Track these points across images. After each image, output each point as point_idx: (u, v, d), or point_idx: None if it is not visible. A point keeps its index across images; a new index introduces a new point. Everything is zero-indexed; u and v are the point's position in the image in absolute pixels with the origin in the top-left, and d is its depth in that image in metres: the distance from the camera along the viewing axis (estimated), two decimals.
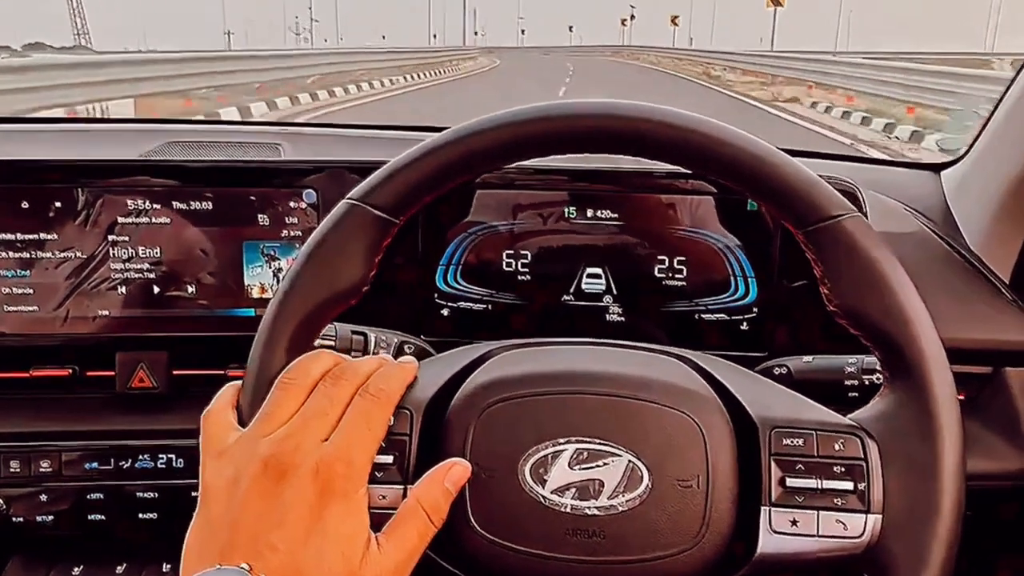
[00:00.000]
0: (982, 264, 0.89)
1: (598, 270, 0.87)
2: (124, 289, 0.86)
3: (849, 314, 0.52)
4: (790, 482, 0.51)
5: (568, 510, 0.50)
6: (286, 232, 0.86)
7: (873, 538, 0.49)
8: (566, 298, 0.88)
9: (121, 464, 0.87)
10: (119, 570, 0.92)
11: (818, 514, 0.50)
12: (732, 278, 0.86)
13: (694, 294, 0.87)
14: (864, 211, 0.87)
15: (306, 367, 0.51)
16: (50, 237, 0.85)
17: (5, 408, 0.88)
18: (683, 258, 0.86)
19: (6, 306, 0.85)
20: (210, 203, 0.85)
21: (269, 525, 0.46)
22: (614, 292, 0.88)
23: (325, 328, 0.59)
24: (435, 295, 0.88)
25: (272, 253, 0.86)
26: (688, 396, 0.53)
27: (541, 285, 0.88)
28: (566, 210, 0.87)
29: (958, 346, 0.82)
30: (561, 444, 0.51)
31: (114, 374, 0.87)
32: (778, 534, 0.50)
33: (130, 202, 0.85)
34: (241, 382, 0.53)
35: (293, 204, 0.85)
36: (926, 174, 1.07)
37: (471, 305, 0.88)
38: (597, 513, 0.50)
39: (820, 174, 0.54)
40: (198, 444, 0.90)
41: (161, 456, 0.87)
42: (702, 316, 0.87)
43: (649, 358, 0.58)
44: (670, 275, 0.87)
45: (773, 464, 0.51)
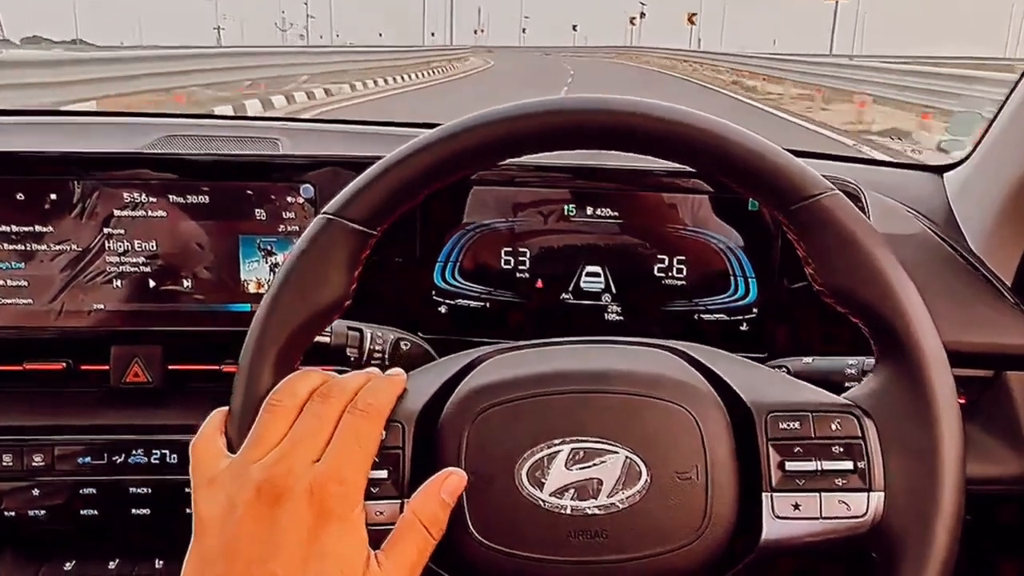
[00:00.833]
0: (984, 267, 0.88)
1: (597, 268, 0.87)
2: (119, 283, 0.85)
3: (835, 292, 0.52)
4: (789, 466, 0.50)
5: (568, 511, 0.49)
6: (283, 227, 0.85)
7: (877, 516, 0.49)
8: (565, 296, 0.87)
9: (114, 459, 0.87)
10: (111, 566, 0.91)
11: (820, 496, 0.50)
12: (732, 278, 0.86)
13: (694, 294, 0.86)
14: (866, 212, 0.86)
15: (293, 387, 0.50)
16: (45, 230, 0.84)
17: None
18: (683, 257, 0.86)
19: (0, 298, 0.84)
20: (207, 197, 0.84)
21: (266, 552, 0.45)
22: (613, 291, 0.87)
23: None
24: (433, 292, 0.87)
25: (269, 248, 0.85)
26: (680, 387, 0.53)
27: (539, 283, 0.87)
28: (565, 208, 0.86)
29: (959, 349, 0.81)
30: (556, 445, 0.50)
31: (109, 368, 0.87)
32: (781, 519, 0.49)
33: (126, 195, 0.84)
34: (228, 408, 0.52)
35: (290, 199, 0.85)
36: (929, 176, 1.06)
37: (469, 303, 0.87)
38: (598, 512, 0.49)
39: (822, 174, 0.54)
40: (192, 440, 0.90)
41: (155, 451, 0.87)
42: (702, 316, 0.86)
43: (639, 352, 0.57)
44: (670, 274, 0.86)
45: (771, 449, 0.50)
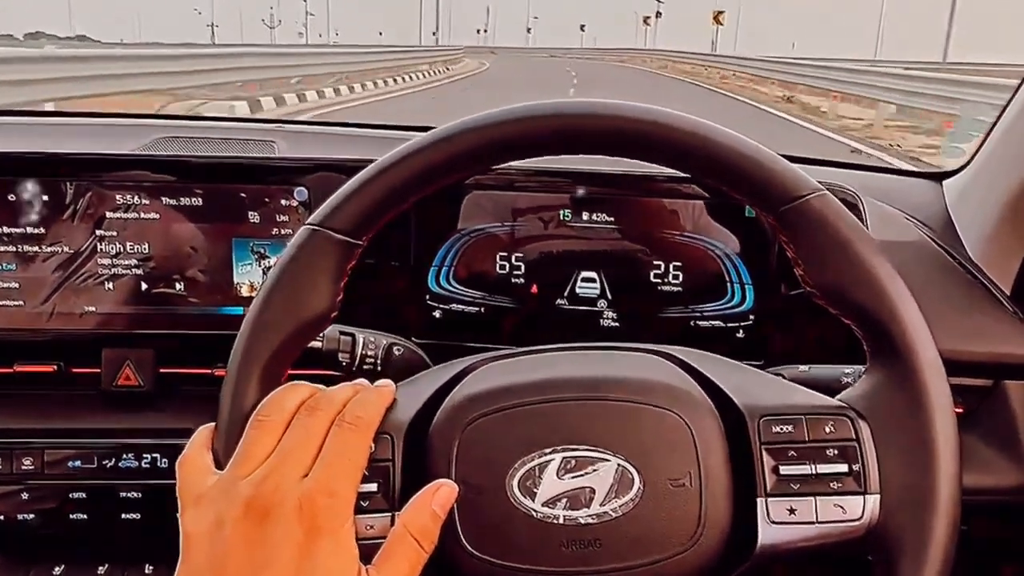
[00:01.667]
0: (983, 275, 0.88)
1: (593, 274, 0.86)
2: (111, 285, 0.85)
3: (825, 292, 0.51)
4: (784, 470, 0.50)
5: (561, 521, 0.49)
6: (277, 230, 0.84)
7: (873, 519, 0.49)
8: (560, 302, 0.87)
9: (105, 463, 0.86)
10: (100, 571, 0.90)
11: (815, 500, 0.49)
12: (729, 284, 0.85)
13: (690, 300, 0.86)
14: (864, 219, 0.86)
15: (279, 401, 0.49)
16: (37, 231, 0.83)
17: None
18: (679, 263, 0.85)
19: None
20: (200, 199, 0.84)
21: (256, 569, 0.44)
22: (609, 297, 0.86)
23: None
24: (427, 296, 0.87)
25: (262, 251, 0.85)
26: (671, 392, 0.52)
27: (535, 289, 0.87)
28: (561, 213, 0.85)
29: (957, 358, 0.81)
30: (548, 454, 0.50)
31: (100, 371, 0.86)
32: (777, 524, 0.49)
33: (119, 197, 0.83)
34: (215, 424, 0.51)
35: (284, 202, 0.84)
36: (928, 183, 1.06)
37: (463, 308, 0.87)
38: (591, 521, 0.49)
39: (819, 181, 0.53)
40: (184, 444, 0.89)
41: (145, 455, 0.86)
42: (698, 323, 0.86)
43: (630, 358, 0.57)
44: (666, 280, 0.85)
45: (764, 453, 0.50)
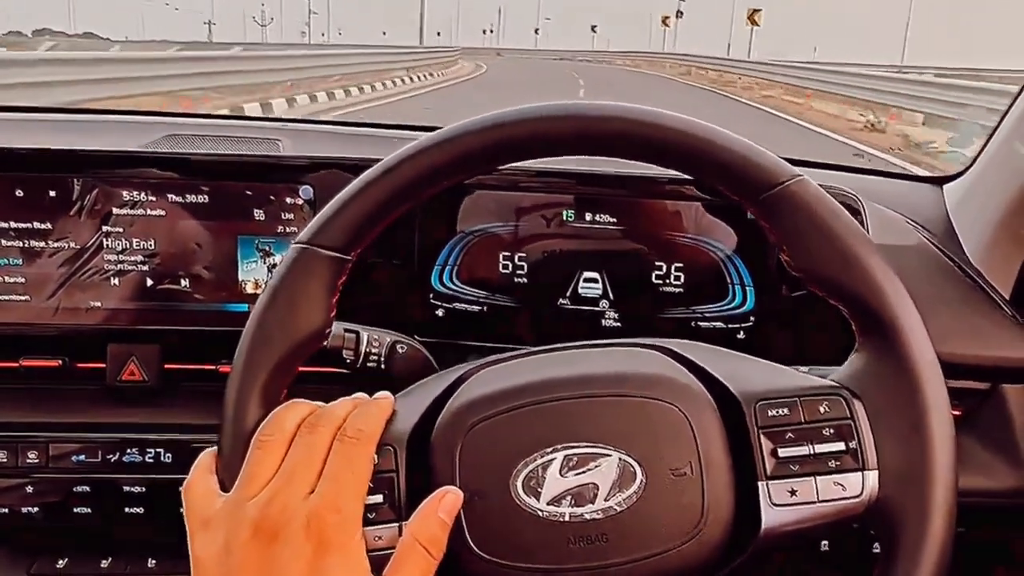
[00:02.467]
0: (982, 279, 0.88)
1: (595, 274, 0.87)
2: (117, 281, 0.85)
3: (811, 276, 0.52)
4: (782, 452, 0.50)
5: (567, 519, 0.49)
6: (282, 228, 0.85)
7: (873, 494, 0.49)
8: (562, 302, 0.87)
9: (109, 457, 0.87)
10: (104, 564, 0.91)
11: (815, 480, 0.50)
12: (730, 286, 0.86)
13: (691, 301, 0.86)
14: (864, 222, 0.86)
15: (280, 421, 0.50)
16: (44, 227, 0.84)
17: None
18: (681, 264, 0.86)
19: None
20: (206, 196, 0.84)
21: None
22: (611, 297, 0.87)
23: None
24: (430, 295, 0.87)
25: (267, 248, 0.85)
26: (667, 384, 0.53)
27: (537, 288, 0.87)
28: (564, 213, 0.86)
29: (956, 361, 0.81)
30: (549, 453, 0.50)
31: (105, 366, 0.87)
32: (779, 507, 0.49)
33: (126, 193, 0.84)
34: (217, 447, 0.52)
35: (290, 200, 0.85)
36: (928, 187, 1.06)
37: (466, 307, 0.87)
38: (597, 517, 0.49)
39: (820, 184, 0.54)
40: (187, 440, 0.90)
41: (149, 450, 0.87)
42: (699, 323, 0.86)
43: (623, 353, 0.58)
44: (667, 281, 0.86)
45: (762, 437, 0.51)
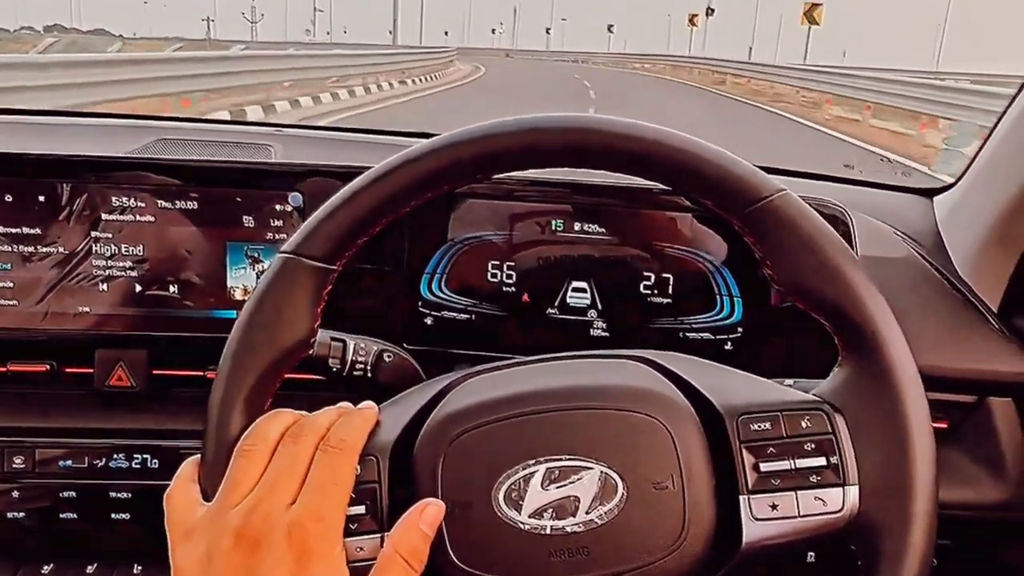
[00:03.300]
0: (971, 292, 0.89)
1: (584, 284, 0.87)
2: (106, 286, 0.85)
3: (793, 290, 0.53)
4: (764, 467, 0.50)
5: (548, 532, 0.49)
6: (271, 234, 0.85)
7: (853, 509, 0.50)
8: (551, 311, 0.87)
9: (96, 463, 0.87)
10: (90, 570, 0.91)
11: (796, 494, 0.50)
12: (718, 297, 0.86)
13: (679, 311, 0.86)
14: (852, 234, 0.86)
15: (264, 430, 0.50)
16: (33, 231, 0.84)
17: None
18: (669, 275, 0.86)
19: None
20: (196, 203, 0.84)
21: None
22: (599, 307, 0.87)
23: None
24: (419, 303, 0.87)
25: (256, 255, 0.85)
26: (649, 396, 0.53)
27: (526, 297, 0.87)
28: (553, 223, 0.86)
29: (942, 374, 0.81)
30: (531, 466, 0.50)
31: (92, 371, 0.87)
32: (760, 521, 0.50)
33: (115, 199, 0.84)
34: (200, 456, 0.52)
35: (279, 206, 0.85)
36: (918, 199, 1.07)
37: (454, 315, 0.87)
38: (578, 530, 0.49)
39: (808, 195, 0.54)
40: (174, 446, 0.89)
41: (136, 456, 0.87)
42: (686, 334, 0.86)
43: (606, 365, 0.58)
44: (655, 291, 0.86)
45: (744, 451, 0.51)
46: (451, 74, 23.76)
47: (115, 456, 0.87)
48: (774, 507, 0.50)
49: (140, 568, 0.91)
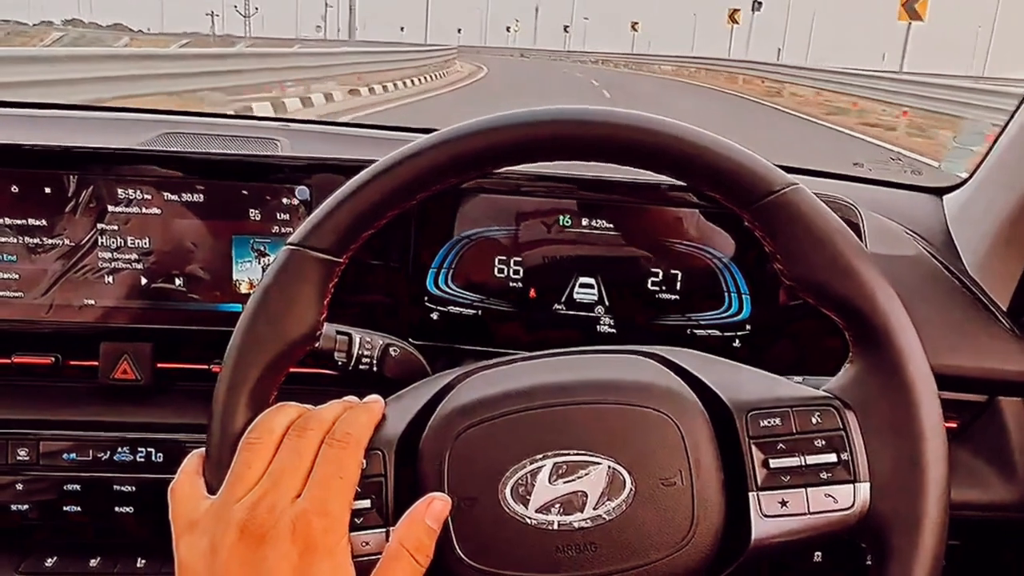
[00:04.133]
0: (980, 290, 0.88)
1: (591, 280, 0.86)
2: (111, 279, 0.85)
3: (804, 285, 0.52)
4: (773, 463, 0.50)
5: (555, 527, 0.49)
6: (277, 228, 0.85)
7: (864, 507, 0.49)
8: (557, 307, 0.87)
9: (100, 456, 0.86)
10: (93, 563, 0.91)
11: (806, 491, 0.49)
12: (726, 294, 0.85)
13: (687, 308, 0.86)
14: (862, 232, 0.86)
15: (269, 423, 0.50)
16: (39, 223, 0.84)
17: None
18: (677, 271, 0.85)
19: None
20: (202, 195, 0.84)
21: None
22: (606, 303, 0.86)
23: None
24: (425, 298, 0.87)
25: (262, 249, 0.85)
26: (658, 392, 0.52)
27: (533, 293, 0.87)
28: (561, 218, 0.86)
29: (952, 373, 0.81)
30: (538, 461, 0.50)
31: (97, 364, 0.86)
32: (769, 518, 0.49)
33: (121, 191, 0.84)
34: (204, 449, 0.52)
35: (286, 200, 0.84)
36: (928, 197, 1.06)
37: (461, 310, 0.87)
38: (585, 525, 0.49)
39: (819, 192, 0.54)
40: (179, 440, 0.89)
41: (140, 449, 0.86)
42: (694, 331, 0.86)
43: (615, 360, 0.57)
44: (663, 288, 0.86)
45: (754, 447, 0.50)
46: (447, 76, 20.56)
47: (119, 449, 0.86)
48: (784, 504, 0.49)
49: (144, 561, 0.91)
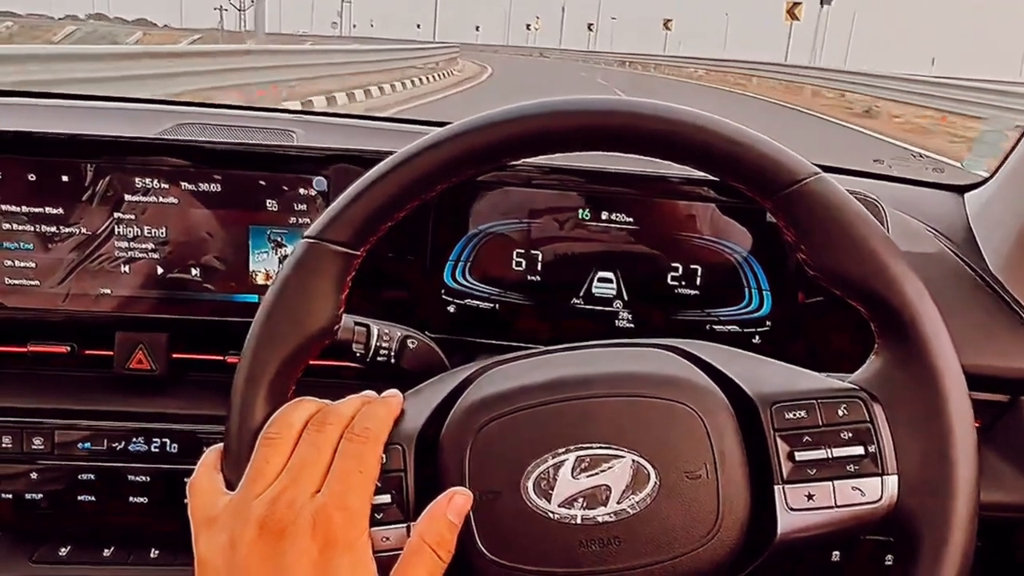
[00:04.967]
0: (1003, 289, 0.87)
1: (609, 274, 0.86)
2: (127, 268, 0.85)
3: (829, 276, 0.51)
4: (799, 456, 0.49)
5: (579, 521, 0.48)
6: (294, 219, 0.84)
7: (892, 500, 0.48)
8: (575, 301, 0.86)
9: (114, 446, 0.86)
10: (106, 553, 0.91)
11: (833, 484, 0.49)
12: (747, 290, 0.84)
13: (706, 304, 0.85)
14: (886, 227, 0.85)
15: (287, 418, 0.49)
16: (56, 212, 0.83)
17: (0, 383, 0.87)
18: (697, 266, 0.85)
19: (8, 279, 0.84)
20: (219, 186, 0.84)
21: None
22: (625, 298, 0.86)
23: None
24: (442, 291, 0.87)
25: (279, 239, 0.85)
26: (681, 385, 0.52)
27: (550, 287, 0.86)
28: (580, 212, 0.85)
29: (975, 372, 0.79)
30: (561, 454, 0.49)
31: (112, 354, 0.86)
32: (796, 511, 0.49)
33: (138, 181, 0.83)
34: (222, 445, 0.51)
35: (303, 191, 0.84)
36: (950, 195, 1.05)
37: (478, 303, 0.86)
38: (609, 520, 0.48)
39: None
40: (193, 430, 0.89)
41: (155, 440, 0.86)
42: (714, 327, 0.85)
43: (637, 353, 0.57)
44: (682, 283, 0.85)
45: (779, 440, 0.50)
46: (440, 81, 16.91)
47: (134, 439, 0.86)
48: (810, 497, 0.49)
49: (157, 552, 0.91)
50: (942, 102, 13.10)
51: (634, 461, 0.49)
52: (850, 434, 0.49)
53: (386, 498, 0.49)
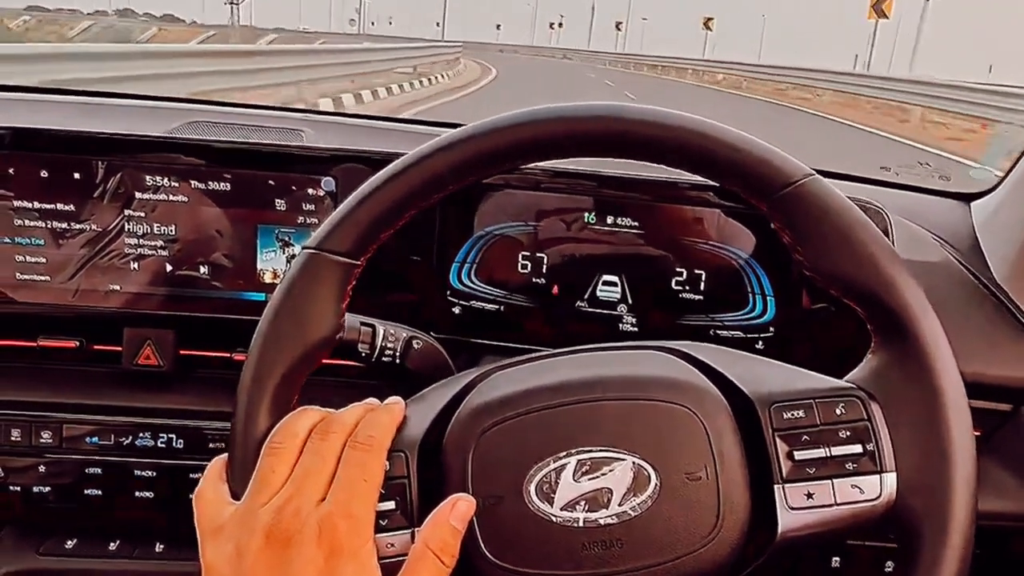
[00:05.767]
0: (1007, 298, 0.87)
1: (614, 278, 0.86)
2: (136, 265, 0.86)
3: (825, 276, 0.52)
4: (798, 455, 0.50)
5: (581, 524, 0.49)
6: (302, 218, 0.85)
7: (891, 497, 0.49)
8: (580, 304, 0.87)
9: (121, 440, 0.87)
10: (112, 546, 0.92)
11: (832, 482, 0.49)
12: (750, 295, 0.85)
13: (710, 308, 0.85)
14: (890, 235, 0.85)
15: (291, 428, 0.50)
16: (67, 208, 0.84)
17: (10, 376, 0.88)
18: (701, 271, 0.85)
19: (19, 274, 0.84)
20: (228, 184, 0.84)
21: None
22: (629, 301, 0.86)
23: None
24: (448, 292, 0.87)
25: (287, 239, 0.85)
26: (681, 386, 0.52)
27: (555, 290, 0.87)
28: (585, 216, 0.85)
29: (978, 380, 0.80)
30: (562, 458, 0.50)
31: (121, 349, 0.87)
32: (796, 510, 0.49)
33: (148, 178, 0.84)
34: (227, 455, 0.52)
35: (311, 191, 0.85)
36: (956, 203, 1.05)
37: (483, 305, 0.87)
38: (611, 522, 0.49)
39: (848, 196, 0.53)
40: (199, 426, 0.90)
41: (162, 435, 0.87)
42: (717, 332, 0.86)
43: (637, 356, 0.57)
44: (687, 287, 0.85)
45: (778, 440, 0.50)
46: (433, 85, 14.48)
47: (141, 435, 0.87)
48: (810, 496, 0.49)
49: (162, 546, 0.92)
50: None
51: (635, 463, 0.50)
52: (848, 433, 0.50)
53: (390, 505, 0.49)
